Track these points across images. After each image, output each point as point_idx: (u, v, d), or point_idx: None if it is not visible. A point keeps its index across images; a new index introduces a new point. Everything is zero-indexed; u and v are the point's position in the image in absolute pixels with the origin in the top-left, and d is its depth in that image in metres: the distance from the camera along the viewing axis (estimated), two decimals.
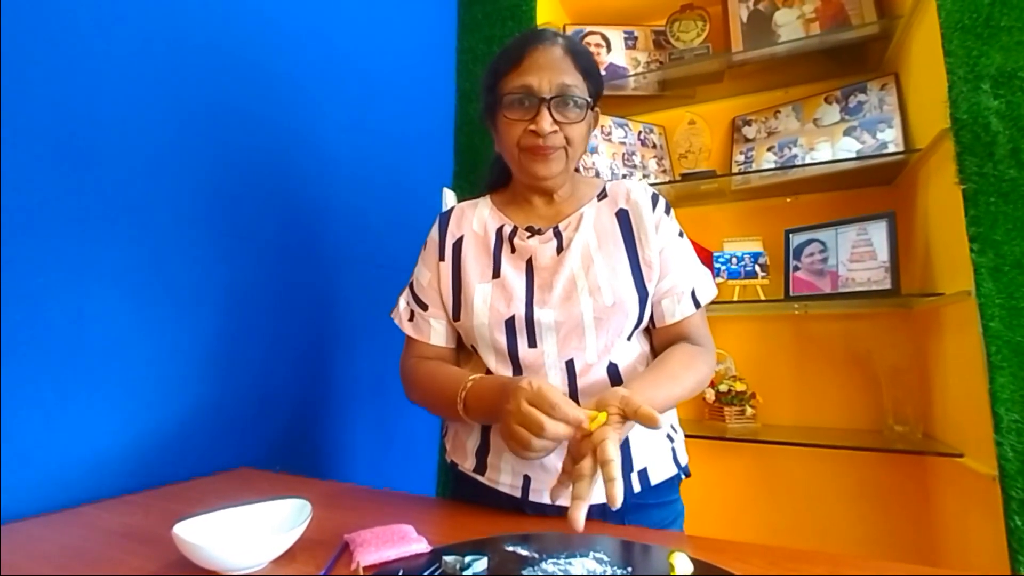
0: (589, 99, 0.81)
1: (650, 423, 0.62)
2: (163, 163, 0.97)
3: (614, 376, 0.79)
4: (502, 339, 0.80)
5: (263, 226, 1.17)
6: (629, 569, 0.55)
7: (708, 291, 0.86)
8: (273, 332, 1.18)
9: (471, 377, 0.76)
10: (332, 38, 1.38)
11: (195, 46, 1.03)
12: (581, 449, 0.62)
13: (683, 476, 0.87)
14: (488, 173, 0.97)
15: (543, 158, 0.80)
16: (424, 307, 0.88)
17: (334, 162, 1.37)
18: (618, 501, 0.55)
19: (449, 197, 1.38)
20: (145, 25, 0.95)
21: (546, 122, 0.77)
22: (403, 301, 0.92)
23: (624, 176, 1.74)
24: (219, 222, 1.07)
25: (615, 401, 0.63)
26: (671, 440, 0.86)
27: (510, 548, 0.59)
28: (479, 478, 0.83)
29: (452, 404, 0.76)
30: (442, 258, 0.88)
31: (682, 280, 0.84)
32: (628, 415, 0.63)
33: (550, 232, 0.85)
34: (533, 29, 0.82)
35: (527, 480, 0.79)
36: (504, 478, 0.81)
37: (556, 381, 0.78)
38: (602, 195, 0.89)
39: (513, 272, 0.83)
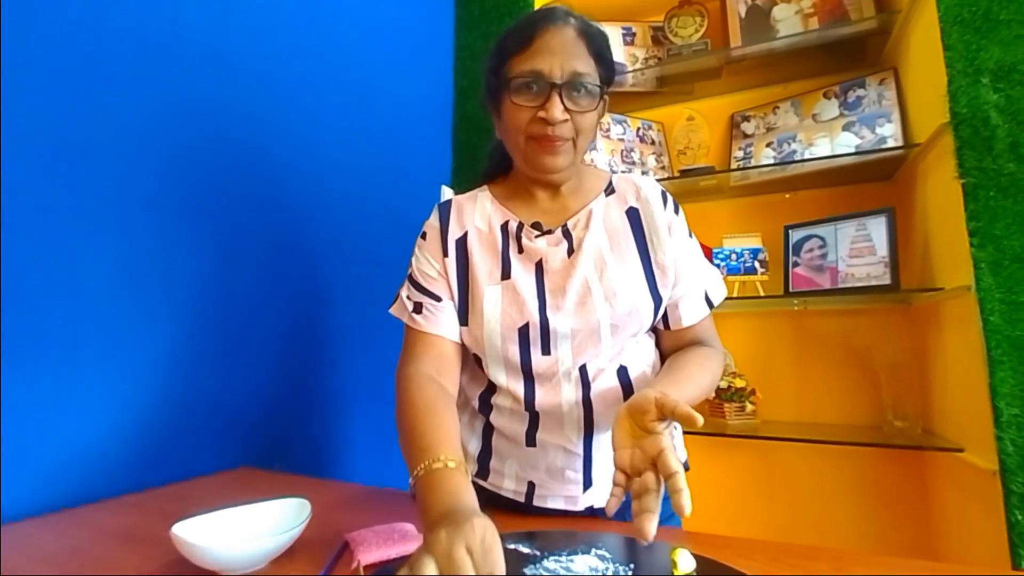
0: (601, 86, 0.76)
1: (690, 423, 0.59)
2: (162, 161, 0.97)
3: (624, 379, 0.78)
4: (515, 349, 0.76)
5: (261, 224, 1.16)
6: (631, 566, 0.55)
7: (719, 291, 0.85)
8: (272, 330, 1.17)
9: (433, 464, 0.60)
10: (329, 35, 1.37)
11: (190, 41, 1.03)
12: (636, 464, 0.58)
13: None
14: (488, 161, 0.91)
15: (551, 150, 0.75)
16: (437, 298, 0.80)
17: (332, 160, 1.37)
18: (687, 511, 0.53)
19: (447, 194, 1.38)
20: (140, 23, 0.94)
21: (557, 109, 0.72)
22: (404, 293, 0.83)
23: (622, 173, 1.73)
24: (217, 220, 1.06)
25: (649, 406, 0.60)
26: (671, 437, 0.85)
27: (512, 546, 0.59)
28: (481, 483, 0.82)
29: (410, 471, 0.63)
30: (445, 253, 0.81)
31: (695, 284, 0.82)
32: (666, 414, 0.59)
33: (559, 232, 0.80)
34: (543, 8, 0.77)
35: (531, 486, 0.78)
36: (508, 483, 0.79)
37: (569, 388, 0.76)
38: (609, 190, 0.84)
39: (523, 275, 0.78)
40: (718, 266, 1.60)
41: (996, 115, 1.09)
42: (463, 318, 0.79)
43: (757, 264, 1.58)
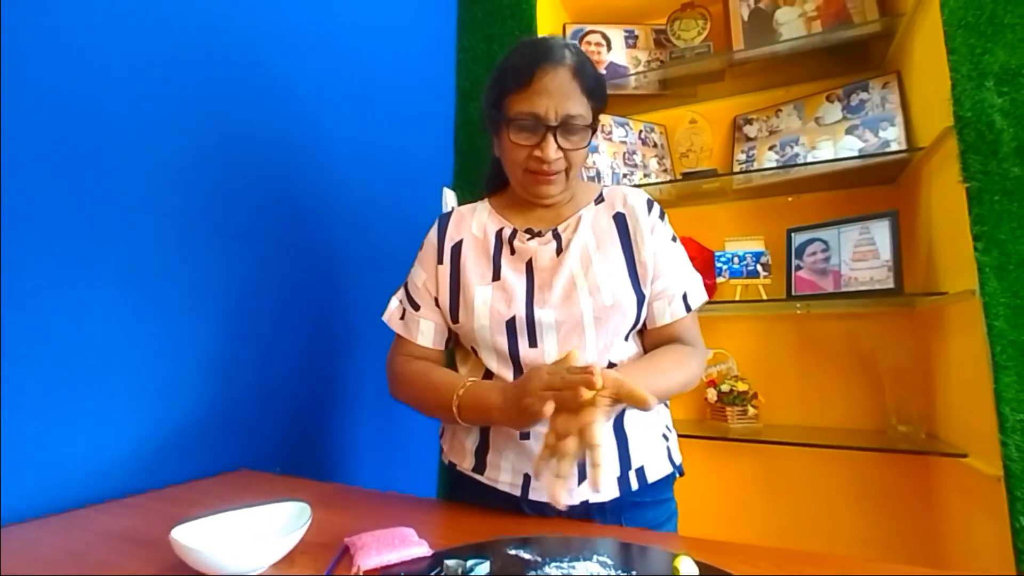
0: (593, 122, 0.83)
1: (642, 404, 0.63)
2: (165, 163, 0.97)
3: None
4: (503, 340, 0.81)
5: (263, 227, 1.16)
6: (633, 572, 0.54)
7: (699, 295, 0.88)
8: (273, 333, 1.17)
9: (469, 379, 0.78)
10: (332, 38, 1.37)
11: (196, 46, 1.03)
12: (567, 427, 0.63)
13: (677, 475, 0.89)
14: (487, 176, 0.98)
15: (545, 182, 0.83)
16: (416, 307, 0.90)
17: (335, 162, 1.37)
18: (600, 486, 0.58)
19: (449, 197, 1.38)
20: (146, 25, 0.94)
21: (551, 149, 0.79)
22: (395, 300, 0.93)
23: (624, 176, 1.74)
24: (219, 223, 1.06)
25: (607, 383, 0.64)
26: (666, 440, 0.88)
27: (512, 551, 0.59)
28: (478, 477, 0.84)
29: (446, 404, 0.77)
30: (440, 261, 0.89)
31: (674, 283, 0.86)
32: (621, 396, 0.64)
33: (549, 234, 0.86)
34: (541, 45, 0.81)
35: (527, 479, 0.79)
36: (504, 477, 0.81)
37: None
38: (599, 199, 0.91)
39: (513, 274, 0.84)
40: (720, 269, 1.60)
41: (1001, 119, 1.09)
42: (454, 316, 0.86)
43: (760, 267, 1.58)
